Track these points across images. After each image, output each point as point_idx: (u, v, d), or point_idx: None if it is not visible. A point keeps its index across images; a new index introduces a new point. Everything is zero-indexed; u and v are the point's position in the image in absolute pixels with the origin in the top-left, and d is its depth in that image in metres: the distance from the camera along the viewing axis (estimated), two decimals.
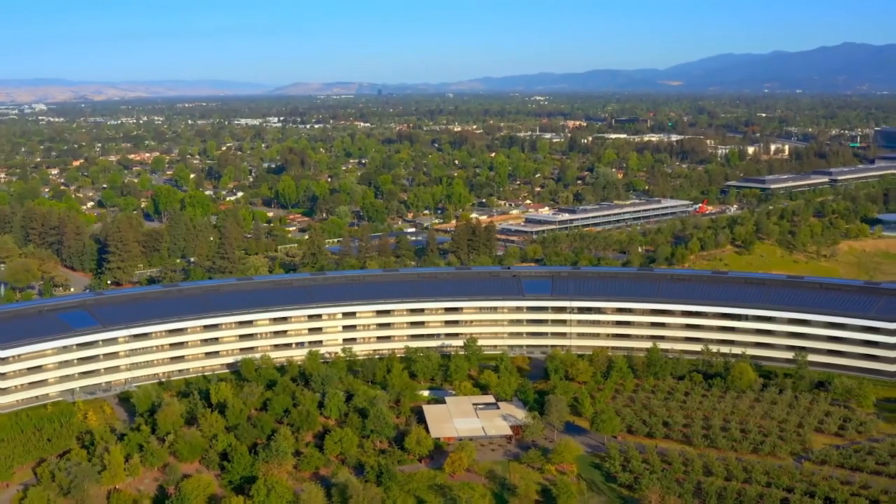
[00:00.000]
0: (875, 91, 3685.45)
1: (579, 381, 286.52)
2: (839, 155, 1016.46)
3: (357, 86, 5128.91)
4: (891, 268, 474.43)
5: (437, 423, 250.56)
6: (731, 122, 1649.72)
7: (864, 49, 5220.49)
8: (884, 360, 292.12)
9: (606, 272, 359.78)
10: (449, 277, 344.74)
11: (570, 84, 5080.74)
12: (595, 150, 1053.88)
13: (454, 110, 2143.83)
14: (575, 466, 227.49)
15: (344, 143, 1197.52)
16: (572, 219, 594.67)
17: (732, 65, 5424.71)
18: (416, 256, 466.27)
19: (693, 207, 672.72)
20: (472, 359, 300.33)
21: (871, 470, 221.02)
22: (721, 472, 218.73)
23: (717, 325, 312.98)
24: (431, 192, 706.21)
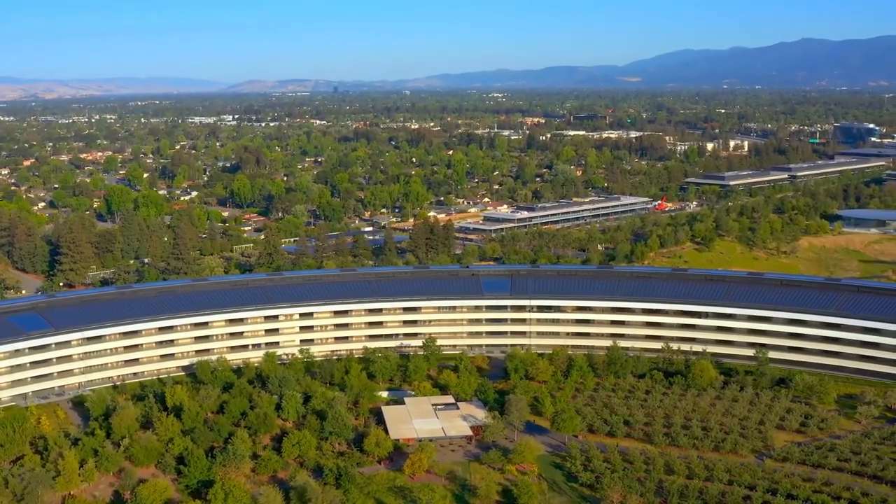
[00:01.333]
0: (834, 87, 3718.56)
1: (539, 381, 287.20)
2: (799, 151, 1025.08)
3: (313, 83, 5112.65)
4: (851, 264, 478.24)
5: (397, 424, 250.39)
6: (690, 118, 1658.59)
7: (823, 45, 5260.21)
8: (845, 356, 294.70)
9: (566, 270, 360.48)
10: (407, 277, 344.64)
11: (529, 81, 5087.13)
12: (554, 148, 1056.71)
13: (411, 107, 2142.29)
14: (536, 466, 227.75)
15: (300, 142, 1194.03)
16: (531, 217, 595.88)
17: (691, 61, 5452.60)
18: (374, 256, 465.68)
19: (652, 204, 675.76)
20: (431, 359, 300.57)
21: (832, 467, 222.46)
22: (683, 470, 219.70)
23: (677, 322, 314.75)
24: (389, 190, 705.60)
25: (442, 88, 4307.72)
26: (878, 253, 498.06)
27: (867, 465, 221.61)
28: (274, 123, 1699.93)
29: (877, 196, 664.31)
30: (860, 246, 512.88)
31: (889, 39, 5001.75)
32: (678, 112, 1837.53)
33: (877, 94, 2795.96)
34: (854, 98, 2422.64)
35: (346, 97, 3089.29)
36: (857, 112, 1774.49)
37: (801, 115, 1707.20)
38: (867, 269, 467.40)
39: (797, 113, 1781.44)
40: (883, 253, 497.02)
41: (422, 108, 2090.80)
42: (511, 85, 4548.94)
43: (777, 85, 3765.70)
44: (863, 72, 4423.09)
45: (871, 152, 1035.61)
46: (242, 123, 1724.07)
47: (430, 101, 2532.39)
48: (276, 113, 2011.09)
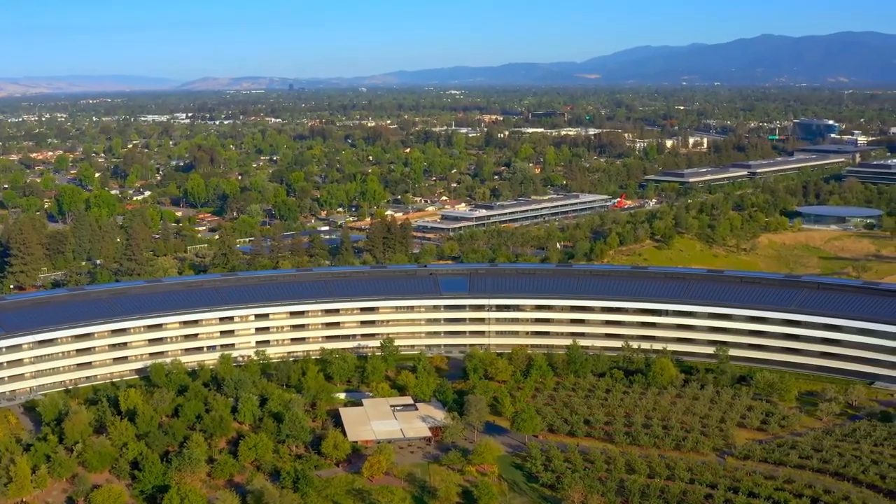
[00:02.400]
0: (793, 83, 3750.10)
1: (499, 381, 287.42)
2: (758, 148, 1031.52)
3: (268, 80, 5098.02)
4: (810, 260, 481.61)
5: (355, 426, 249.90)
6: (649, 115, 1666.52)
7: (782, 41, 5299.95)
8: (805, 353, 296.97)
9: (525, 269, 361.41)
10: (364, 276, 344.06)
11: (486, 77, 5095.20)
12: (512, 145, 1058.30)
13: (368, 105, 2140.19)
14: (496, 467, 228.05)
15: (254, 140, 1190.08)
16: (489, 215, 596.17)
17: (650, 57, 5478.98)
18: (331, 255, 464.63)
19: (612, 202, 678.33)
20: (389, 359, 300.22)
21: (794, 464, 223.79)
22: (643, 469, 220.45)
23: (637, 320, 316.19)
24: (345, 189, 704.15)
25: (399, 86, 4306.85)
26: (838, 249, 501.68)
27: (829, 462, 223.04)
28: (228, 122, 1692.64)
29: (836, 193, 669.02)
30: (820, 243, 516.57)
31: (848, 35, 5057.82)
32: (637, 109, 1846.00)
33: (836, 90, 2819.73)
34: (813, 94, 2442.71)
35: (302, 95, 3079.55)
36: (816, 108, 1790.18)
37: (761, 112, 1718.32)
38: (827, 265, 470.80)
39: (756, 109, 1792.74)
40: (843, 249, 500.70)
41: (378, 106, 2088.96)
42: (469, 82, 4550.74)
43: (736, 81, 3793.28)
44: (822, 68, 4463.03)
45: (831, 149, 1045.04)
46: (196, 122, 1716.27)
47: (386, 98, 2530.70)
48: (230, 111, 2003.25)
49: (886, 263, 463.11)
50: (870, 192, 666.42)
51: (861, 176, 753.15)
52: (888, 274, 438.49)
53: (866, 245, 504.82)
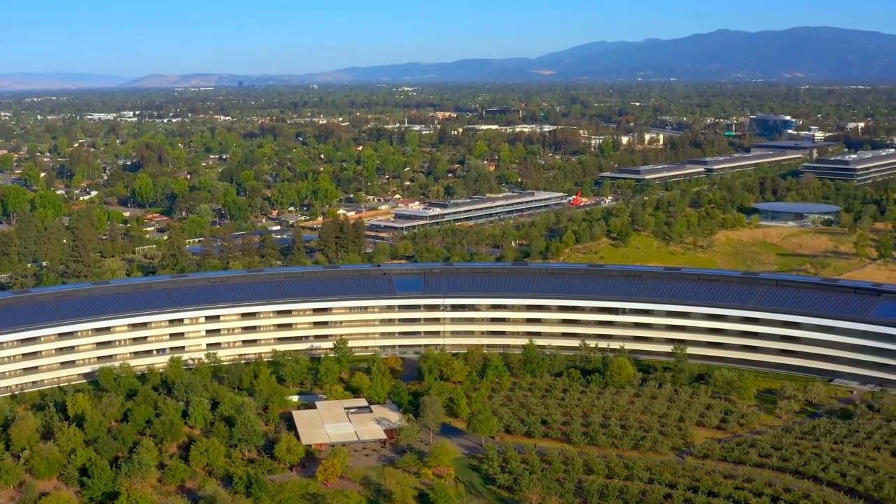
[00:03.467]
0: (750, 78, 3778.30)
1: (454, 381, 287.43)
2: (714, 144, 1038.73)
3: (217, 77, 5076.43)
4: (768, 257, 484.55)
5: (308, 429, 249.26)
6: (604, 111, 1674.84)
7: (738, 36, 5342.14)
8: (764, 350, 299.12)
9: (480, 268, 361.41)
10: (317, 277, 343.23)
11: (440, 74, 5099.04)
12: (466, 142, 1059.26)
13: (319, 102, 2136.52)
14: (452, 469, 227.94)
15: (203, 138, 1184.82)
16: (443, 213, 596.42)
17: (605, 53, 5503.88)
18: (282, 255, 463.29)
19: (567, 199, 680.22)
20: (342, 361, 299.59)
21: (754, 463, 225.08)
22: (602, 469, 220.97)
23: (594, 319, 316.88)
24: (296, 187, 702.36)
25: (351, 82, 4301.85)
26: (796, 246, 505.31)
27: (788, 460, 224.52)
28: (176, 119, 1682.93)
29: (794, 189, 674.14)
30: (777, 239, 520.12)
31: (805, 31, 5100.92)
32: (592, 105, 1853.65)
33: (793, 85, 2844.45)
34: (770, 90, 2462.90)
35: (252, 92, 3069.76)
36: (773, 104, 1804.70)
37: (717, 108, 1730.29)
38: (785, 262, 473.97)
39: (713, 105, 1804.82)
40: (801, 246, 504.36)
41: (330, 103, 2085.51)
42: (422, 78, 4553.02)
43: (692, 77, 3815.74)
44: (779, 63, 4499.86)
45: (788, 144, 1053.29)
46: (143, 120, 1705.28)
47: (338, 95, 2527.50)
48: (178, 109, 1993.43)
49: (844, 260, 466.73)
50: (827, 189, 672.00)
51: (818, 172, 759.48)
52: (846, 270, 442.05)
53: (824, 241, 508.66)
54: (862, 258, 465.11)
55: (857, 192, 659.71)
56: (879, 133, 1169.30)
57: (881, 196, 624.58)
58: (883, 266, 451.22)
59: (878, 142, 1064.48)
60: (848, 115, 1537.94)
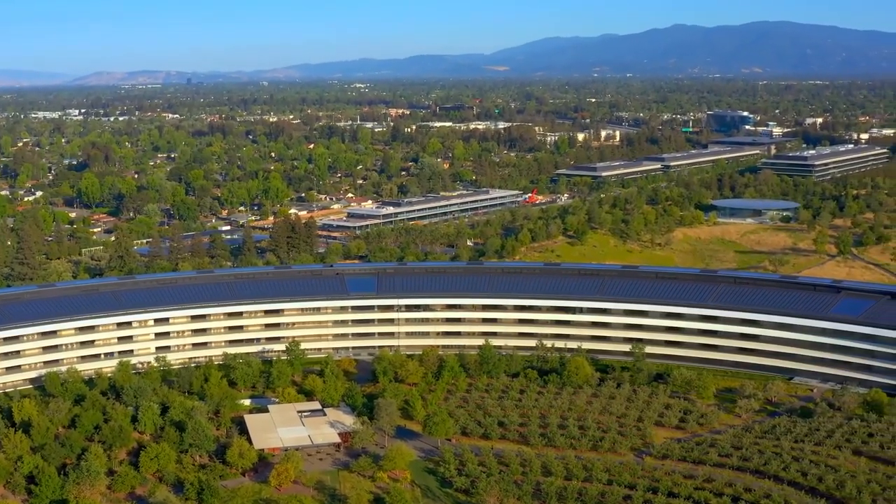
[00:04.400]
0: (707, 74, 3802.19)
1: (409, 383, 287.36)
2: (671, 140, 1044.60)
3: (164, 74, 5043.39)
4: (726, 255, 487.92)
5: (261, 434, 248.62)
6: (559, 108, 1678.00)
7: (695, 31, 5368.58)
8: (723, 349, 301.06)
9: (434, 267, 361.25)
10: (268, 277, 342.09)
11: (392, 70, 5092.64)
12: (419, 140, 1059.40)
13: (269, 99, 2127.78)
14: (408, 473, 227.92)
15: (151, 137, 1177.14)
16: (397, 212, 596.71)
17: (560, 48, 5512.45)
18: (233, 256, 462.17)
19: (523, 197, 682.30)
20: (295, 363, 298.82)
21: (713, 463, 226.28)
22: (560, 471, 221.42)
23: (551, 318, 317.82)
24: (247, 186, 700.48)
25: (301, 79, 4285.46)
26: (755, 243, 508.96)
27: (749, 459, 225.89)
28: (123, 118, 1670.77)
29: (752, 185, 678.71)
30: (736, 236, 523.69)
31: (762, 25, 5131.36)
32: (548, 102, 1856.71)
33: (750, 80, 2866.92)
34: (727, 85, 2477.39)
35: (201, 89, 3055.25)
36: (730, 100, 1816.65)
37: (674, 104, 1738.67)
38: (743, 259, 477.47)
39: (669, 101, 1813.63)
40: (759, 243, 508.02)
41: (280, 100, 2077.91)
42: (374, 75, 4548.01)
43: (648, 73, 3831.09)
44: (736, 58, 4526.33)
45: (746, 140, 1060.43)
46: (89, 118, 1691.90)
47: (289, 92, 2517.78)
48: (125, 106, 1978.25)
49: (803, 257, 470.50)
50: (786, 185, 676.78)
51: (777, 168, 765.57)
52: (805, 267, 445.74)
53: (783, 238, 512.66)
54: (821, 255, 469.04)
55: (816, 188, 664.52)
56: (838, 128, 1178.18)
57: (840, 192, 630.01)
58: (842, 263, 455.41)
59: (837, 137, 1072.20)
60: (806, 111, 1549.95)
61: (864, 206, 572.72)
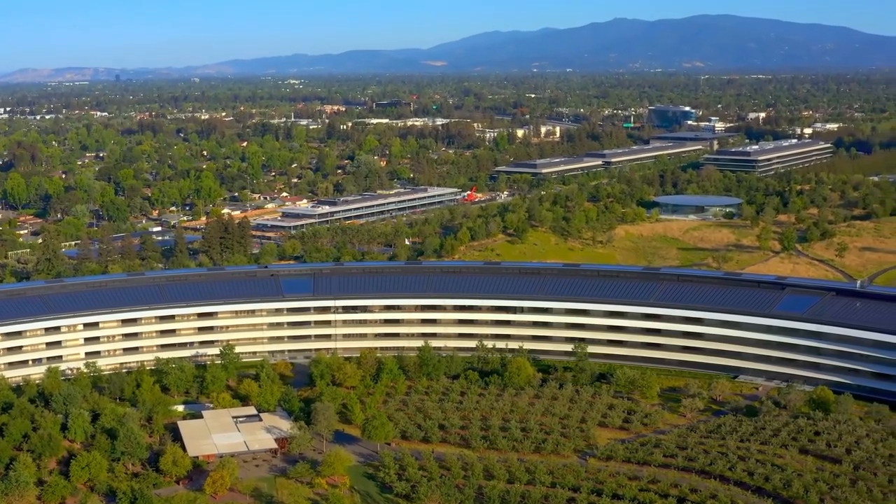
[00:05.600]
0: (648, 68, 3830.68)
1: (347, 386, 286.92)
2: (613, 136, 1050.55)
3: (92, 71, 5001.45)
4: (669, 252, 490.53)
5: (195, 440, 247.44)
6: (498, 103, 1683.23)
7: (635, 25, 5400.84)
8: (666, 348, 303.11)
9: (372, 267, 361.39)
10: (201, 279, 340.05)
11: (327, 66, 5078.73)
12: (355, 137, 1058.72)
13: (201, 96, 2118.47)
14: (347, 478, 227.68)
15: (79, 136, 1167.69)
16: (333, 211, 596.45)
17: (499, 43, 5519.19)
18: (164, 258, 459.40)
19: (461, 195, 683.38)
20: (229, 368, 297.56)
21: (658, 463, 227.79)
22: (503, 474, 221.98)
23: (491, 318, 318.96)
24: (178, 186, 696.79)
25: (234, 75, 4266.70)
26: (697, 240, 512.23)
27: (694, 459, 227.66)
28: (50, 116, 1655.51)
29: (694, 181, 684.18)
30: (678, 233, 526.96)
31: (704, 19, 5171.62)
32: (486, 97, 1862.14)
33: (692, 75, 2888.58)
34: (669, 80, 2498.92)
35: (130, 86, 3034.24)
36: (672, 95, 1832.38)
37: (615, 99, 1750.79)
38: (686, 256, 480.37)
39: (610, 96, 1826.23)
40: (702, 240, 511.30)
41: (212, 97, 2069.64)
42: (308, 71, 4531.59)
43: (589, 67, 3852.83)
44: (677, 52, 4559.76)
45: (688, 136, 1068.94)
46: (15, 117, 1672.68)
47: (221, 89, 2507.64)
48: (52, 104, 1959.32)
49: (747, 253, 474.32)
50: (728, 181, 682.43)
51: (719, 164, 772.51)
52: (749, 264, 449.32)
53: (726, 235, 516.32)
54: (765, 251, 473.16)
55: (760, 183, 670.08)
56: (781, 123, 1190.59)
57: (784, 188, 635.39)
58: (786, 259, 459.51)
59: (780, 132, 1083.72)
60: (749, 106, 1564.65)
61: (809, 202, 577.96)
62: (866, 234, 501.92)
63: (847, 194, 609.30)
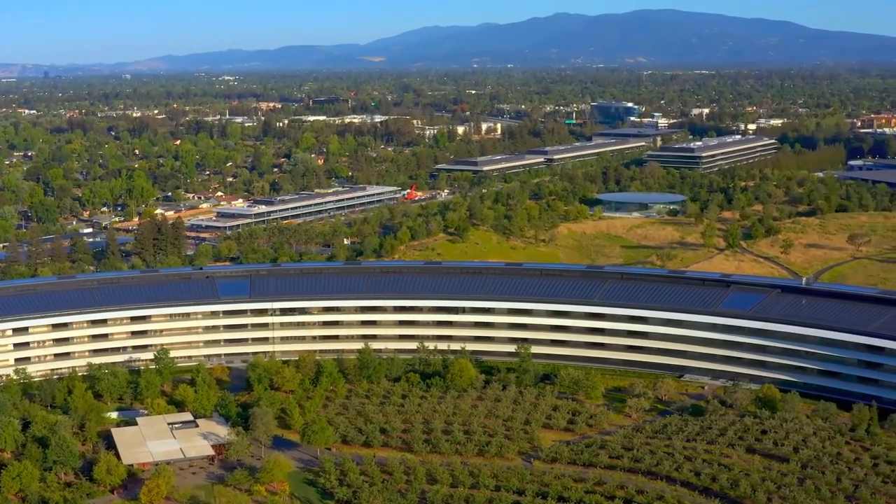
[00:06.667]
0: (590, 64, 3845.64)
1: (286, 390, 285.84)
2: (555, 133, 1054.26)
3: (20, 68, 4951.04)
4: (613, 250, 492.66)
5: (129, 448, 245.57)
6: (438, 100, 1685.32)
7: (577, 20, 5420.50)
8: (611, 347, 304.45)
9: (310, 268, 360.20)
10: (134, 282, 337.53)
11: (263, 62, 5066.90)
12: (292, 135, 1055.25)
13: (133, 93, 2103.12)
14: (287, 485, 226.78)
15: (6, 134, 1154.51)
16: (269, 211, 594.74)
17: (438, 38, 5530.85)
18: (96, 260, 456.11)
19: (401, 194, 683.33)
20: (164, 373, 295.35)
21: (604, 465, 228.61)
22: (446, 478, 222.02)
23: (432, 319, 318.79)
24: (110, 186, 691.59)
25: (166, 72, 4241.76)
26: (641, 238, 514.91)
27: (640, 460, 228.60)
28: None
29: (638, 178, 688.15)
30: (622, 231, 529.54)
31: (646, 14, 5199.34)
32: (426, 94, 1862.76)
33: (635, 71, 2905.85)
34: (611, 76, 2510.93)
35: (59, 83, 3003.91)
36: (614, 91, 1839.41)
37: (557, 95, 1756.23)
38: (630, 254, 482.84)
39: (552, 92, 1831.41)
40: (646, 237, 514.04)
41: (144, 94, 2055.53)
42: (244, 67, 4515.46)
43: (530, 63, 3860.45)
44: (620, 48, 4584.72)
45: (631, 132, 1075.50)
46: None
47: (153, 85, 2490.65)
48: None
49: (691, 251, 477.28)
50: (672, 177, 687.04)
51: (663, 160, 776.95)
52: (693, 261, 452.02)
53: (670, 232, 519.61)
54: (709, 249, 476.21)
55: (703, 180, 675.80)
56: (725, 119, 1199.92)
57: (728, 184, 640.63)
58: (731, 256, 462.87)
59: (724, 128, 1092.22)
60: (692, 101, 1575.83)
61: (753, 198, 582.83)
62: (811, 231, 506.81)
63: (792, 191, 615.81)
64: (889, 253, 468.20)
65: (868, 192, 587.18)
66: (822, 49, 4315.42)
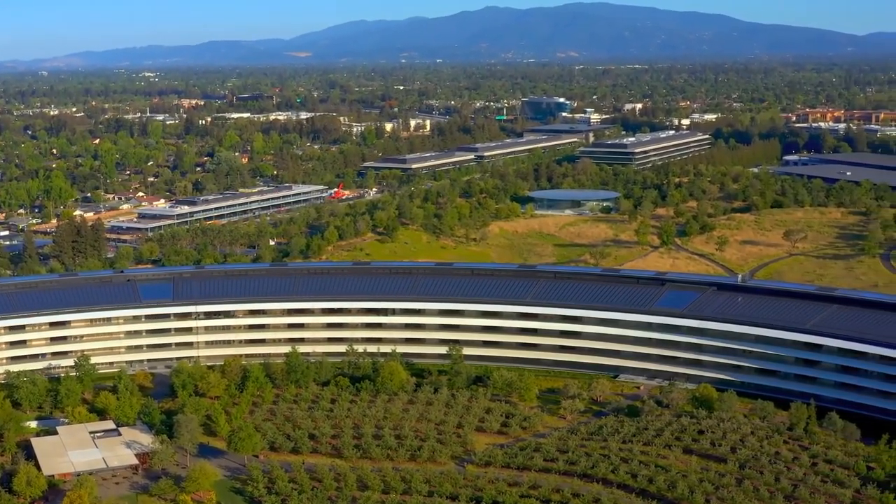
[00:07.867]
0: (521, 59, 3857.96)
1: (211, 396, 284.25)
2: (485, 129, 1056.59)
3: None
4: (545, 249, 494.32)
5: (50, 458, 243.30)
6: (366, 96, 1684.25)
7: (507, 13, 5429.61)
8: (544, 348, 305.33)
9: (235, 270, 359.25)
10: (52, 286, 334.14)
11: (184, 57, 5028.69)
12: (215, 133, 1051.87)
13: (50, 91, 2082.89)
14: (213, 493, 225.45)
15: None
16: (192, 211, 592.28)
17: (365, 33, 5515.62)
18: (12, 264, 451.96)
19: (328, 193, 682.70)
20: (85, 380, 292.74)
21: (539, 468, 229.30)
22: (377, 485, 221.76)
23: (361, 321, 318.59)
24: (26, 187, 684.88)
25: (85, 68, 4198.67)
26: (574, 236, 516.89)
27: (576, 463, 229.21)
28: None
29: (570, 175, 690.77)
30: (554, 229, 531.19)
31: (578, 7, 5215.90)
32: (353, 90, 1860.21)
33: (566, 65, 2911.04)
34: (542, 71, 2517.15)
35: None
36: (546, 86, 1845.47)
37: (487, 91, 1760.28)
38: (563, 253, 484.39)
39: (482, 88, 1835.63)
40: (579, 235, 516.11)
41: (62, 92, 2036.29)
42: (165, 63, 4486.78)
43: (460, 58, 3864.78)
44: (551, 42, 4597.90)
45: (563, 128, 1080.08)
46: None
47: (71, 82, 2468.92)
48: None
49: (625, 248, 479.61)
50: (605, 174, 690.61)
51: (595, 156, 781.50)
52: (627, 259, 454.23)
53: (603, 230, 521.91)
54: (643, 246, 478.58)
55: (637, 176, 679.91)
56: (658, 114, 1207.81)
57: (662, 180, 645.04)
58: (666, 254, 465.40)
59: (657, 123, 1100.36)
60: (625, 97, 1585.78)
61: (687, 195, 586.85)
62: (746, 227, 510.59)
63: (726, 186, 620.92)
64: (825, 249, 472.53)
65: (804, 187, 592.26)
66: (757, 43, 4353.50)
